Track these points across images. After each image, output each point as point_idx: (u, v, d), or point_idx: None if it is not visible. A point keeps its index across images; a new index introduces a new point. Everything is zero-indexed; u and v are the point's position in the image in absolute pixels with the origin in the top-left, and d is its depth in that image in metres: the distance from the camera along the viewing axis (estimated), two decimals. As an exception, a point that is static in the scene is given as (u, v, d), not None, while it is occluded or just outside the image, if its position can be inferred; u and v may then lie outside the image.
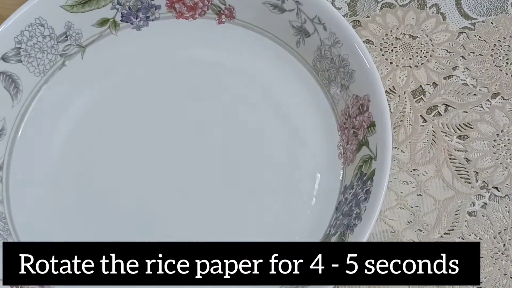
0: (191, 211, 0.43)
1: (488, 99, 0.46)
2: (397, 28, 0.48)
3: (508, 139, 0.44)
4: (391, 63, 0.47)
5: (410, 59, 0.47)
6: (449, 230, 0.42)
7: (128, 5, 0.45)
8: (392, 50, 0.48)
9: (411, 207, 0.43)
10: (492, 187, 0.43)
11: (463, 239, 0.42)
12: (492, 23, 0.48)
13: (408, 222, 0.42)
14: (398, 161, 0.45)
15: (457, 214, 0.43)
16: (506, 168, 0.43)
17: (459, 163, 0.44)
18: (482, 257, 0.42)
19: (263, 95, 0.45)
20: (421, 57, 0.47)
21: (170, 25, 0.46)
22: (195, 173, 0.44)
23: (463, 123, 0.45)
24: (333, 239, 0.39)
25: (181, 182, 0.44)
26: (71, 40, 0.45)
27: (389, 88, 0.47)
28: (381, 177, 0.38)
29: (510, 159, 0.43)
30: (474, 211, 0.43)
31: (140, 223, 0.43)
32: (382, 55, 0.48)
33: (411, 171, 0.44)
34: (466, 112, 0.45)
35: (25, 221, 0.42)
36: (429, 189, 0.43)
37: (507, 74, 0.46)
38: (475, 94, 0.46)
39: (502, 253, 0.41)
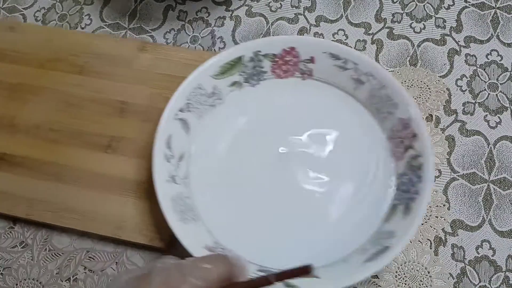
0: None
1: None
2: (412, 80, 0.62)
3: None
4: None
5: (429, 98, 0.60)
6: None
7: (248, 73, 0.59)
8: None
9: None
10: None
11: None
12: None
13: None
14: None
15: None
16: None
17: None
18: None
19: (333, 122, 0.56)
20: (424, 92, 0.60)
21: (273, 82, 0.59)
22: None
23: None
24: (400, 207, 0.49)
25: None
26: (216, 96, 0.58)
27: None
28: (428, 167, 0.50)
29: None
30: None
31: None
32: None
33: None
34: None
35: (204, 208, 0.53)
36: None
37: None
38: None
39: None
